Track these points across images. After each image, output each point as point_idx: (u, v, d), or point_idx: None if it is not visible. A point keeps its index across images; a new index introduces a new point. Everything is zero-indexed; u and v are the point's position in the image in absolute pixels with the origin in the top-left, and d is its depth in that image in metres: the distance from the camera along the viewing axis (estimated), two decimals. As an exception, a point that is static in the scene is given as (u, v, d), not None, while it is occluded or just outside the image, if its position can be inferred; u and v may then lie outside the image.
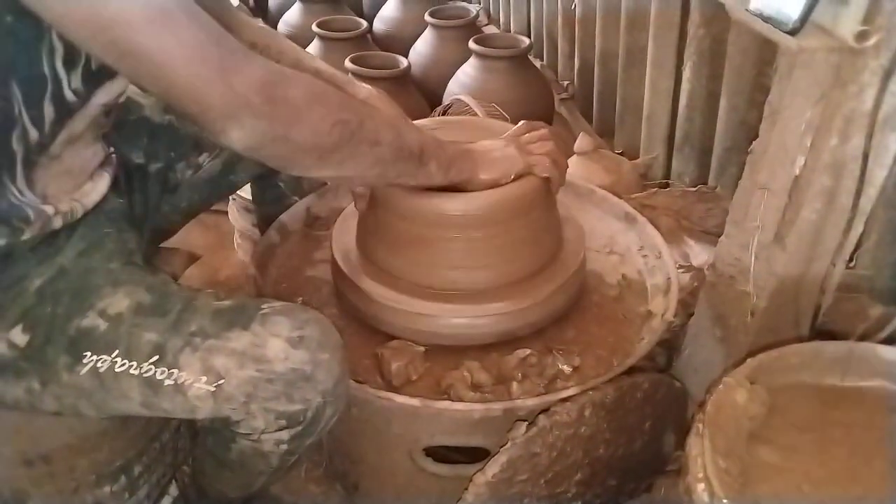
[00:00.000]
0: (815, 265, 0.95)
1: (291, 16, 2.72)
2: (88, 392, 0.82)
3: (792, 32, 0.79)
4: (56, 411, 0.86)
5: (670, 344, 1.17)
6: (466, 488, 0.98)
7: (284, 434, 0.85)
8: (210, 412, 0.82)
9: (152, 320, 0.82)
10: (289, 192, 1.32)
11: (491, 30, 2.84)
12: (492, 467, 0.96)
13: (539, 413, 0.97)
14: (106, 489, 0.97)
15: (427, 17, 2.37)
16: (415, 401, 0.98)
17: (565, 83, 2.44)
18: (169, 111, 1.11)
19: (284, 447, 0.88)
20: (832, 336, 0.97)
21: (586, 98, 2.30)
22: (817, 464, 0.78)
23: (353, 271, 1.10)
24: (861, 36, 0.77)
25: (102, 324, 0.82)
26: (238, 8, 1.09)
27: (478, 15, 2.54)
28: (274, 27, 2.68)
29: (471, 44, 2.08)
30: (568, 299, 1.13)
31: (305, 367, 0.81)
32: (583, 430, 0.98)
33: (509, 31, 2.77)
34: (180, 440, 1.09)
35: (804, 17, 0.78)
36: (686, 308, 1.18)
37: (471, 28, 2.36)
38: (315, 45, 2.33)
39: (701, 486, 0.74)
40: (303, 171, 0.86)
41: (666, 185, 1.80)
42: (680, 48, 1.72)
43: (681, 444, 0.87)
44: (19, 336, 0.82)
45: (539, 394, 1.00)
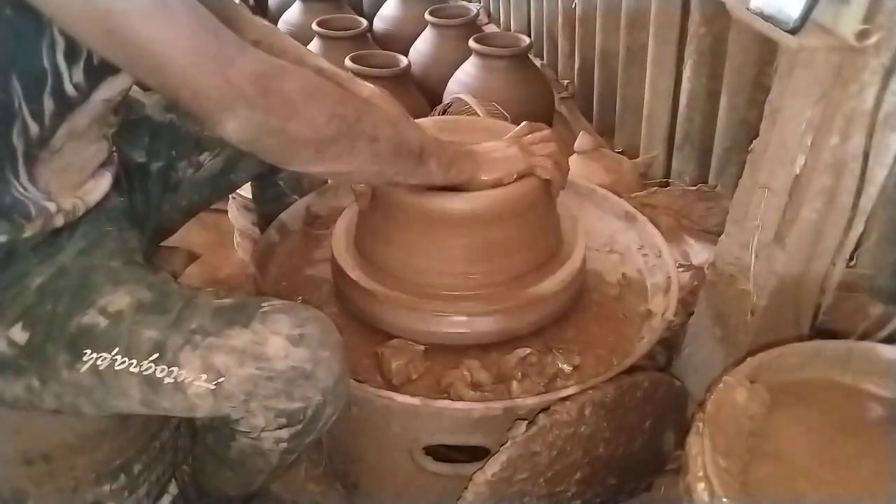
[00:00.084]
0: (816, 264, 0.95)
1: (291, 14, 2.71)
2: (88, 390, 0.82)
3: (792, 31, 0.79)
4: (56, 409, 0.86)
5: (670, 343, 1.17)
6: (466, 487, 0.98)
7: (284, 432, 0.85)
8: (210, 410, 0.82)
9: (153, 318, 0.82)
10: (289, 191, 1.32)
11: (491, 29, 2.84)
12: (492, 466, 0.96)
13: (539, 412, 0.97)
14: (106, 488, 0.97)
15: (427, 16, 2.37)
16: (415, 400, 0.98)
17: (565, 82, 2.44)
18: (170, 110, 1.11)
19: (284, 445, 0.88)
20: (832, 335, 0.97)
21: (586, 97, 2.30)
22: (817, 463, 0.78)
23: (354, 270, 1.10)
24: (862, 35, 0.77)
25: (103, 321, 0.82)
26: (239, 6, 1.09)
27: (478, 14, 2.54)
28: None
29: (471, 43, 2.08)
30: (568, 298, 1.12)
31: (306, 365, 0.81)
32: (583, 429, 0.98)
33: (509, 30, 2.78)
34: (180, 439, 1.09)
35: (805, 16, 0.78)
36: (686, 307, 1.18)
37: (471, 27, 2.36)
38: (315, 44, 2.33)
39: (701, 486, 0.74)
40: (299, 166, 0.85)
41: (666, 184, 1.79)
42: (680, 47, 1.72)
43: (681, 444, 0.87)
44: (19, 334, 0.82)
45: (539, 393, 1.00)
